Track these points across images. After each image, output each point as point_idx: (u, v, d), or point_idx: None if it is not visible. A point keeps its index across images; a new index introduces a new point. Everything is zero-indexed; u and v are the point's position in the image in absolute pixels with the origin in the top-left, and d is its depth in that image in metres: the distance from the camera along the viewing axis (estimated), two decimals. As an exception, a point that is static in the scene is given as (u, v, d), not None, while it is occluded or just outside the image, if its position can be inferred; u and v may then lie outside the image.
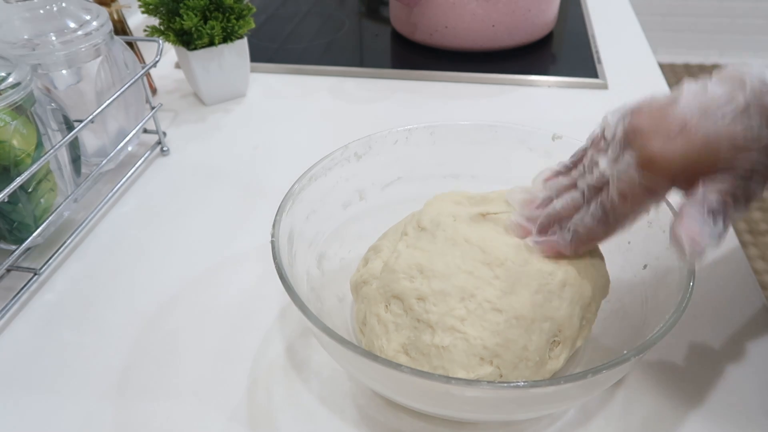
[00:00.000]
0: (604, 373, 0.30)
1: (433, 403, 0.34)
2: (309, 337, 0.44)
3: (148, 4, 0.66)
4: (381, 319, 0.37)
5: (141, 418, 0.39)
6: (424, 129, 0.47)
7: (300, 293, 0.34)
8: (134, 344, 0.44)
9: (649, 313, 0.37)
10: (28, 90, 0.46)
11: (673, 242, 0.31)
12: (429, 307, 0.35)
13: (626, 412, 0.38)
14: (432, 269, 0.36)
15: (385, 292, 0.37)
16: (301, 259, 0.40)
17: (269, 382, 0.41)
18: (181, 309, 0.47)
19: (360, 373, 0.35)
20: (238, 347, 0.43)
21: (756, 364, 0.41)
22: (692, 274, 0.34)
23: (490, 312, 0.34)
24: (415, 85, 0.78)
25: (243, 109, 0.73)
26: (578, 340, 0.37)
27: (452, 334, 0.34)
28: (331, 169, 0.43)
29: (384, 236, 0.43)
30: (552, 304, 0.35)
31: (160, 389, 0.41)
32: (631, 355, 0.30)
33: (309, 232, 0.41)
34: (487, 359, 0.34)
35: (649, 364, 0.41)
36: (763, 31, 2.39)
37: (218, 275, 0.50)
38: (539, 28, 0.84)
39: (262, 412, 0.39)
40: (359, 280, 0.40)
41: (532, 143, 0.47)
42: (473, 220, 0.39)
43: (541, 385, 0.30)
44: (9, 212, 0.48)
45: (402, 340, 0.36)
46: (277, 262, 0.35)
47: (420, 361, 0.35)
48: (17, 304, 0.47)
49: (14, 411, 0.40)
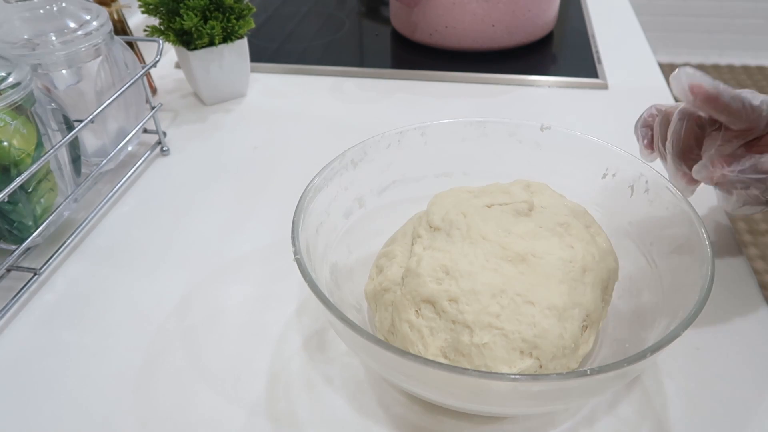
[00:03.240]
0: (650, 358, 0.30)
1: (479, 400, 0.34)
2: (325, 333, 0.44)
3: (148, 4, 0.66)
4: (413, 325, 0.36)
5: (141, 418, 0.39)
6: (416, 130, 0.47)
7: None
8: (134, 344, 0.44)
9: (665, 288, 0.38)
10: (28, 90, 0.46)
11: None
12: (462, 307, 0.35)
13: (623, 411, 0.38)
14: (458, 269, 0.36)
15: (414, 297, 0.37)
16: (319, 273, 0.40)
17: (288, 380, 0.41)
18: (182, 309, 0.47)
19: (406, 380, 0.34)
20: (246, 346, 0.43)
21: (756, 364, 0.41)
22: (711, 261, 0.35)
23: (523, 305, 0.35)
24: (415, 85, 0.78)
25: (243, 109, 0.73)
26: (600, 321, 0.38)
27: (490, 331, 0.34)
28: (332, 179, 0.43)
29: (392, 241, 0.43)
30: (578, 291, 0.36)
31: (161, 389, 0.41)
32: (678, 332, 0.31)
33: (320, 244, 0.41)
34: (526, 352, 0.34)
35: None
36: (763, 31, 2.39)
37: (219, 275, 0.50)
38: (539, 28, 0.84)
39: (283, 408, 0.39)
40: (378, 289, 0.40)
41: (521, 136, 0.47)
42: (482, 214, 0.40)
43: (613, 368, 0.29)
44: (9, 212, 0.48)
45: (439, 343, 0.35)
46: (308, 279, 0.34)
47: (461, 363, 0.34)
48: (17, 304, 0.47)
49: (14, 411, 0.40)
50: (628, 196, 0.44)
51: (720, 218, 0.53)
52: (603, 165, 0.45)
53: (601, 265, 0.38)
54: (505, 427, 0.38)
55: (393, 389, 0.40)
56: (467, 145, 0.48)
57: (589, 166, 0.46)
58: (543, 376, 0.29)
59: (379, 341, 0.30)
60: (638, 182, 0.43)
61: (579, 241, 0.38)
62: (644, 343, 0.36)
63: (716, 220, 0.53)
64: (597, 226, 0.42)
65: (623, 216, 0.44)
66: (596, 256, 0.38)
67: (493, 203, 0.41)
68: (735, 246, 0.50)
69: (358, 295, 0.43)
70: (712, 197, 0.55)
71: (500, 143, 0.48)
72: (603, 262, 0.38)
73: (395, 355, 0.30)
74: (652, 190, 0.42)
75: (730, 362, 0.41)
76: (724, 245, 0.50)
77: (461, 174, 0.49)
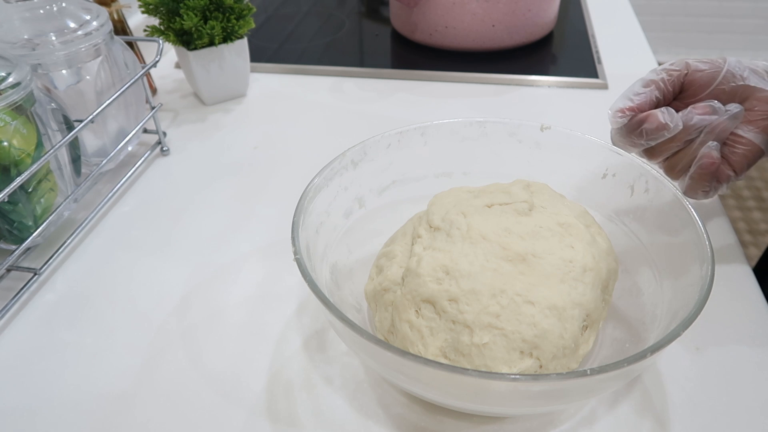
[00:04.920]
0: (649, 358, 0.30)
1: (479, 400, 0.34)
2: (325, 333, 0.44)
3: (148, 4, 0.66)
4: (413, 325, 0.36)
5: (141, 418, 0.39)
6: (416, 130, 0.47)
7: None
8: (134, 344, 0.44)
9: (665, 289, 0.38)
10: (28, 90, 0.46)
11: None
12: (462, 307, 0.35)
13: (623, 411, 0.38)
14: (458, 269, 0.36)
15: (414, 297, 0.37)
16: (319, 273, 0.40)
17: (288, 380, 0.41)
18: (182, 309, 0.47)
19: (406, 380, 0.34)
20: (246, 346, 0.43)
21: (756, 364, 0.41)
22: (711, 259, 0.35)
23: (523, 305, 0.35)
24: (415, 85, 0.78)
25: (243, 109, 0.73)
26: (600, 321, 0.38)
27: (490, 331, 0.34)
28: (332, 179, 0.43)
29: (392, 241, 0.43)
30: (578, 291, 0.36)
31: (161, 389, 0.41)
32: (678, 332, 0.31)
33: (320, 244, 0.41)
34: (526, 352, 0.34)
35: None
36: (763, 31, 2.39)
37: (219, 275, 0.50)
38: (539, 28, 0.84)
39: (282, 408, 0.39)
40: (378, 289, 0.40)
41: (521, 136, 0.47)
42: (482, 213, 0.40)
43: (613, 368, 0.29)
44: (9, 212, 0.48)
45: (439, 343, 0.35)
46: (308, 279, 0.34)
47: (461, 363, 0.35)
48: (17, 304, 0.47)
49: (14, 411, 0.40)
50: (628, 196, 0.44)
51: (720, 218, 0.53)
52: (603, 165, 0.45)
53: (601, 265, 0.38)
54: (505, 427, 0.38)
55: (393, 389, 0.40)
56: (467, 145, 0.48)
57: (589, 166, 0.46)
58: (543, 376, 0.29)
59: (379, 341, 0.31)
60: (638, 182, 0.43)
61: (579, 241, 0.38)
62: (644, 343, 0.36)
63: (716, 220, 0.53)
64: (597, 226, 0.42)
65: (623, 216, 0.44)
66: (596, 256, 0.38)
67: (493, 203, 0.41)
68: (735, 246, 0.50)
69: (358, 295, 0.43)
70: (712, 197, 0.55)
71: (500, 143, 0.48)
72: (603, 262, 0.38)
73: (395, 355, 0.30)
74: (652, 190, 0.42)
75: (730, 362, 0.41)
76: (724, 245, 0.50)
77: (461, 174, 0.49)
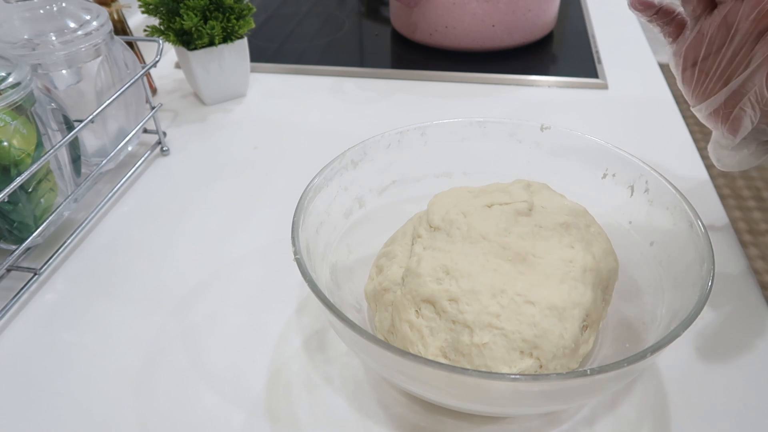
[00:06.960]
0: (649, 358, 0.30)
1: (479, 400, 0.34)
2: (325, 333, 0.44)
3: (148, 4, 0.66)
4: (413, 325, 0.36)
5: (141, 418, 0.39)
6: (416, 130, 0.47)
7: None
8: (134, 344, 0.44)
9: (665, 288, 0.38)
10: (28, 90, 0.46)
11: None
12: (462, 307, 0.35)
13: (623, 411, 0.38)
14: (458, 269, 0.36)
15: (414, 297, 0.37)
16: (319, 273, 0.40)
17: (288, 380, 0.41)
18: (182, 309, 0.47)
19: (406, 380, 0.34)
20: (246, 346, 0.43)
21: (756, 364, 0.41)
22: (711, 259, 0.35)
23: (523, 305, 0.35)
24: (415, 85, 0.78)
25: (243, 109, 0.73)
26: (600, 321, 0.38)
27: (490, 331, 0.34)
28: (332, 179, 0.43)
29: (392, 241, 0.43)
30: (578, 291, 0.36)
31: (161, 389, 0.41)
32: (678, 332, 0.30)
33: (320, 244, 0.41)
34: (526, 352, 0.34)
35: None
36: (763, 31, 2.39)
37: (219, 275, 0.50)
38: (539, 28, 0.84)
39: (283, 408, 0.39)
40: (378, 288, 0.40)
41: (521, 136, 0.47)
42: (482, 213, 0.40)
43: (613, 368, 0.29)
44: (9, 212, 0.48)
45: (439, 343, 0.35)
46: (308, 279, 0.34)
47: (461, 363, 0.35)
48: (17, 304, 0.47)
49: (14, 411, 0.40)
50: (628, 196, 0.44)
51: (720, 218, 0.53)
52: (603, 165, 0.45)
53: (602, 265, 0.38)
54: (505, 427, 0.38)
55: (393, 389, 0.40)
56: (467, 145, 0.48)
57: (589, 166, 0.46)
58: (543, 376, 0.29)
59: (379, 341, 0.30)
60: (638, 182, 0.43)
61: (579, 241, 0.38)
62: (644, 343, 0.36)
63: (716, 221, 0.53)
64: (597, 226, 0.42)
65: (623, 216, 0.44)
66: (596, 256, 0.38)
67: (493, 203, 0.41)
68: (735, 246, 0.50)
69: (358, 295, 0.43)
70: (712, 197, 0.55)
71: (500, 143, 0.48)
72: (603, 262, 0.38)
73: (395, 355, 0.30)
74: (652, 190, 0.42)
75: (730, 362, 0.41)
76: (724, 245, 0.50)
77: (461, 174, 0.49)
